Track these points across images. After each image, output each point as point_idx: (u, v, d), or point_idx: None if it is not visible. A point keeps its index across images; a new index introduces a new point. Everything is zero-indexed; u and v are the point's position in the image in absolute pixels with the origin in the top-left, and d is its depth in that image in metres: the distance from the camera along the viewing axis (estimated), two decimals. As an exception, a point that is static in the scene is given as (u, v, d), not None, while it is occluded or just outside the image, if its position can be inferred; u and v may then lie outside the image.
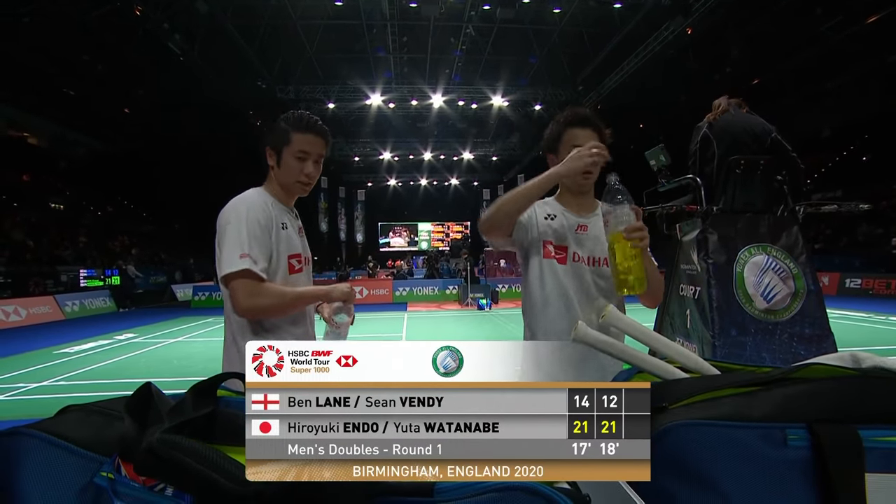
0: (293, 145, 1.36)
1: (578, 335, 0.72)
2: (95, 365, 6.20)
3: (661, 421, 0.54)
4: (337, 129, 19.53)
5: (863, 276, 12.95)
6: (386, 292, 14.41)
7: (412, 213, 30.12)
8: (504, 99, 16.82)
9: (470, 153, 22.90)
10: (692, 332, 2.40)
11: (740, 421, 0.50)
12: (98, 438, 0.44)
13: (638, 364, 0.69)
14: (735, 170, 2.36)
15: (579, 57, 14.73)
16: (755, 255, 2.20)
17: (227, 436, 0.47)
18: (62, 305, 11.70)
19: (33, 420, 0.47)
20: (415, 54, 14.80)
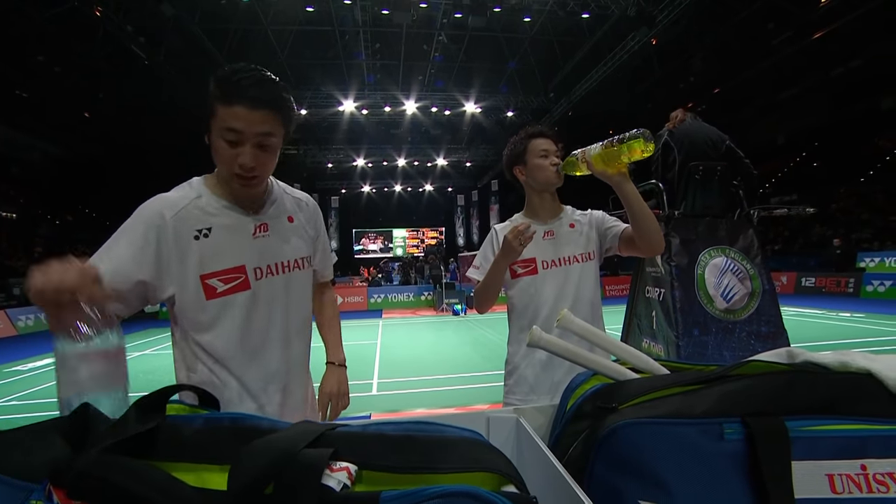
0: (218, 121, 1.00)
1: (533, 340, 0.73)
2: (51, 382, 5.87)
3: (610, 421, 0.55)
4: (310, 136, 19.30)
5: (816, 275, 13.65)
6: (361, 300, 14.26)
7: (387, 219, 29.96)
8: (477, 105, 16.99)
9: (444, 159, 23.00)
10: (658, 333, 2.47)
11: (682, 418, 0.52)
12: (26, 464, 0.42)
13: (591, 367, 0.71)
14: (694, 175, 2.46)
15: (550, 65, 15.06)
16: (715, 257, 2.30)
17: (169, 452, 0.45)
18: (14, 320, 11.07)
19: None
20: (388, 61, 14.81)
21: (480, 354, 6.87)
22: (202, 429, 0.49)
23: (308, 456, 0.41)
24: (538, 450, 0.58)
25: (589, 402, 0.64)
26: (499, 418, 0.72)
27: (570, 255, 1.50)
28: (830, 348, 0.63)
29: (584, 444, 0.58)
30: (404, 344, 8.02)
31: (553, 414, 0.77)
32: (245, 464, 0.40)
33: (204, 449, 0.47)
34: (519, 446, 0.69)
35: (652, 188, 2.73)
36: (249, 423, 0.49)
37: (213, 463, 0.46)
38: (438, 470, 0.43)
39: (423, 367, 6.06)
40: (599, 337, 0.75)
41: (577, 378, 0.76)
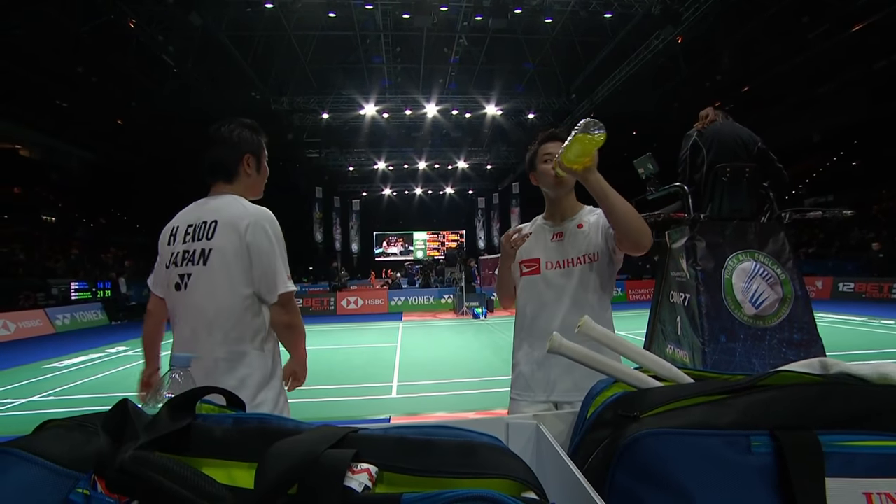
0: (265, 150, 1.47)
1: (553, 346, 0.73)
2: (86, 379, 6.13)
3: (632, 430, 0.55)
4: (331, 139, 19.59)
5: (856, 280, 13.06)
6: (381, 302, 14.38)
7: (407, 222, 30.15)
8: (498, 108, 16.96)
9: (464, 162, 23.02)
10: (683, 339, 2.42)
11: (707, 429, 0.51)
12: (75, 455, 0.45)
13: (611, 373, 0.71)
14: (722, 177, 2.40)
15: (572, 66, 14.92)
16: (743, 262, 2.23)
17: (200, 449, 0.48)
18: (53, 319, 11.59)
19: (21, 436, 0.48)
20: (408, 64, 14.94)
21: (501, 359, 6.84)
22: (231, 428, 0.51)
23: (331, 457, 0.42)
24: (558, 457, 0.58)
25: (610, 410, 0.64)
26: (518, 424, 0.72)
27: (573, 257, 1.50)
28: (870, 358, 0.61)
29: (604, 452, 0.58)
30: (424, 347, 8.05)
31: (573, 421, 0.76)
32: (271, 464, 0.42)
33: (233, 448, 0.49)
34: (538, 453, 0.70)
35: (677, 190, 2.67)
36: (276, 424, 0.51)
37: (241, 461, 0.48)
38: (458, 474, 0.44)
39: (442, 371, 6.06)
40: (621, 344, 0.75)
41: (597, 385, 0.76)
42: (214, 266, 1.28)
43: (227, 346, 1.28)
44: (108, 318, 13.46)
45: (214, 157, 1.41)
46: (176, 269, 1.35)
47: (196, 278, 1.31)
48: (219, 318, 1.28)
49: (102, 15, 10.42)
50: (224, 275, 1.28)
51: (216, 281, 1.28)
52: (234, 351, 1.28)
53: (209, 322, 1.28)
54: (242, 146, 1.41)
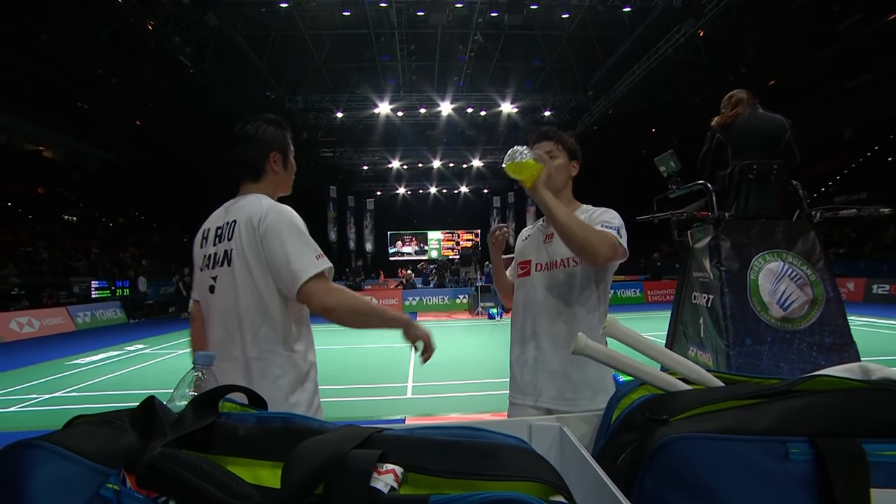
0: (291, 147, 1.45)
1: (578, 347, 0.72)
2: (106, 376, 6.30)
3: (661, 433, 0.54)
4: (345, 139, 19.76)
5: (891, 281, 12.62)
6: (396, 302, 14.44)
7: (422, 221, 30.23)
8: (513, 105, 16.89)
9: (479, 160, 22.98)
10: (706, 342, 2.37)
11: (741, 434, 0.50)
12: (105, 450, 0.46)
13: (639, 376, 0.69)
14: (748, 175, 2.34)
15: (589, 62, 14.76)
16: (770, 262, 2.18)
17: (225, 447, 0.49)
18: (74, 317, 11.93)
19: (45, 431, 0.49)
20: (423, 62, 14.96)
21: (517, 360, 6.81)
22: (256, 427, 0.52)
23: (357, 457, 0.42)
24: (583, 460, 0.58)
25: (637, 413, 0.63)
26: (541, 426, 0.72)
27: (558, 259, 1.49)
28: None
29: (632, 456, 0.57)
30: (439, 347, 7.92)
31: (597, 423, 0.75)
32: (297, 463, 0.42)
33: (257, 446, 0.50)
34: (562, 456, 0.69)
35: (700, 188, 2.62)
36: (300, 424, 0.52)
37: (265, 459, 0.49)
38: (485, 476, 0.44)
39: (458, 371, 6.06)
40: (647, 345, 0.74)
41: (622, 388, 0.75)
42: (236, 267, 1.28)
43: (257, 345, 1.27)
44: (127, 317, 13.80)
45: (240, 157, 1.40)
46: (208, 271, 1.36)
47: (222, 280, 1.31)
48: (246, 318, 1.27)
49: (122, 18, 10.69)
50: (246, 274, 1.27)
51: (239, 281, 1.28)
52: (266, 350, 1.28)
53: (239, 322, 1.28)
54: (268, 144, 1.40)
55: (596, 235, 1.32)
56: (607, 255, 1.32)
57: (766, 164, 2.27)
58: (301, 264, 1.23)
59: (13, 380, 6.16)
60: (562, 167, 1.52)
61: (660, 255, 16.89)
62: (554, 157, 1.50)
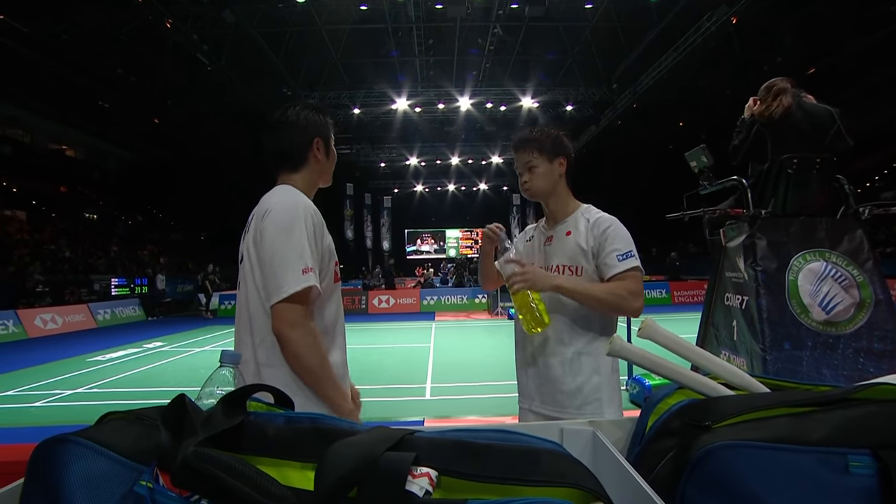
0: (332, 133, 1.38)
1: (614, 349, 0.71)
2: (126, 373, 6.49)
3: (704, 441, 0.53)
4: (362, 135, 19.90)
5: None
6: (413, 301, 14.49)
7: (440, 219, 30.28)
8: (534, 100, 16.74)
9: (499, 157, 22.88)
10: (740, 345, 2.31)
11: (795, 444, 0.48)
12: (137, 447, 0.47)
13: (678, 380, 0.68)
14: (787, 169, 2.27)
15: (613, 53, 14.52)
16: (811, 262, 2.10)
17: (254, 446, 0.49)
18: (95, 314, 12.33)
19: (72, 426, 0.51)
20: (441, 56, 14.96)
21: (537, 362, 6.76)
22: (284, 427, 0.52)
23: (391, 460, 0.42)
24: (619, 467, 0.56)
25: (677, 419, 0.61)
26: (573, 430, 0.71)
27: (556, 265, 1.47)
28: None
29: (673, 463, 0.56)
30: (458, 348, 8.06)
31: (631, 428, 0.74)
32: (330, 465, 0.42)
33: (286, 446, 0.50)
34: (595, 461, 0.68)
35: (734, 184, 2.55)
36: (329, 424, 0.52)
37: (295, 460, 0.49)
38: (523, 482, 0.43)
39: (477, 373, 6.05)
40: (687, 348, 0.72)
41: (658, 392, 0.73)
42: (246, 264, 1.22)
43: (265, 350, 1.18)
44: (145, 314, 14.19)
45: (280, 145, 1.30)
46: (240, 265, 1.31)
47: (241, 277, 1.27)
48: (256, 321, 1.19)
49: (141, 16, 10.98)
50: (251, 273, 1.20)
51: (248, 280, 1.21)
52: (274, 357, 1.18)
53: (249, 324, 1.21)
54: (311, 129, 1.31)
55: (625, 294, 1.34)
56: (641, 302, 1.36)
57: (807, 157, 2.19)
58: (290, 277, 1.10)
59: (38, 375, 6.40)
60: (544, 174, 1.48)
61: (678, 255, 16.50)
62: (532, 167, 1.48)
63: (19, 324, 10.35)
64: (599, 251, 1.40)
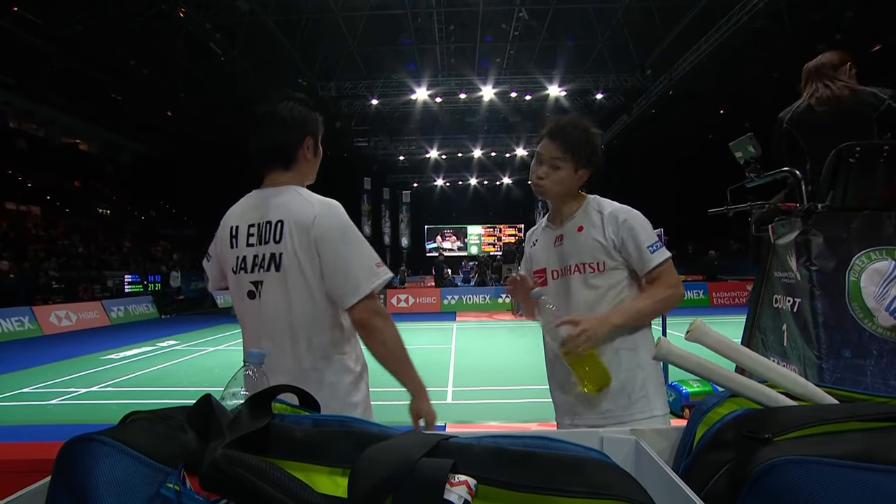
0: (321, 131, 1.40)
1: (661, 353, 0.69)
2: (139, 372, 6.70)
3: (764, 455, 0.51)
4: (381, 127, 20.01)
5: None
6: (434, 301, 14.54)
7: (461, 215, 30.27)
8: (561, 88, 16.55)
9: (524, 149, 22.71)
10: (791, 352, 2.23)
11: (871, 462, 0.45)
12: (163, 449, 0.48)
13: (732, 387, 0.66)
14: (848, 158, 2.17)
15: (648, 37, 14.20)
16: (876, 261, 2.01)
17: (281, 450, 0.49)
18: (108, 311, 12.77)
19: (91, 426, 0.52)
20: (463, 43, 14.91)
21: (565, 367, 6.71)
22: (312, 430, 0.53)
23: (428, 467, 0.42)
24: (667, 479, 0.55)
25: (731, 429, 0.59)
26: (614, 439, 0.70)
27: (571, 265, 1.43)
28: None
29: (729, 477, 0.54)
30: (480, 350, 8.05)
31: (677, 438, 0.73)
32: (365, 471, 0.42)
33: (314, 450, 0.50)
34: (638, 472, 0.66)
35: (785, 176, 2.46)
36: (359, 428, 0.52)
37: (322, 464, 0.49)
38: (565, 493, 0.42)
39: (501, 377, 6.04)
40: (741, 352, 0.70)
41: (708, 400, 0.71)
42: (288, 271, 1.24)
43: (311, 355, 1.26)
44: (158, 312, 14.61)
45: (271, 141, 1.32)
46: (246, 275, 1.30)
47: (269, 286, 1.27)
48: (300, 328, 1.25)
49: (154, 5, 11.28)
50: (299, 280, 1.24)
51: (292, 287, 1.25)
52: (321, 358, 1.27)
53: (291, 331, 1.26)
54: (303, 127, 1.33)
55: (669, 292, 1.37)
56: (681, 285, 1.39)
57: (872, 145, 2.10)
58: (363, 276, 1.23)
59: (54, 372, 6.66)
60: (563, 179, 1.42)
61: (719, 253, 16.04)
62: (556, 166, 1.41)
63: (35, 320, 10.79)
64: (625, 244, 1.38)
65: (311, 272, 1.24)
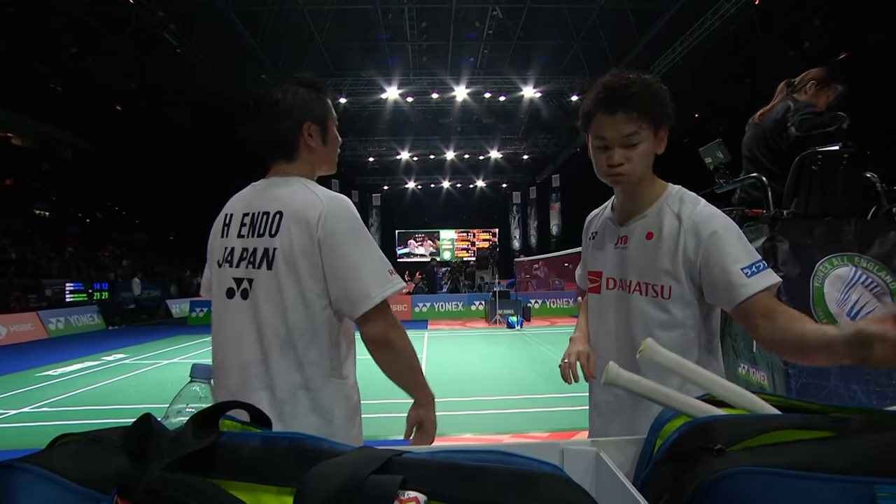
0: (333, 114, 1.31)
1: (609, 378, 0.72)
2: (81, 389, 6.42)
3: (717, 465, 0.53)
4: (349, 127, 19.87)
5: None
6: (405, 308, 14.49)
7: (433, 219, 30.30)
8: (536, 90, 16.83)
9: (497, 151, 22.97)
10: (759, 358, 2.34)
11: (817, 472, 0.48)
12: (95, 474, 0.46)
13: (682, 410, 0.69)
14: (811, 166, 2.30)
15: (623, 38, 14.62)
16: (838, 267, 2.13)
17: (227, 470, 0.49)
18: (46, 323, 12.19)
19: (18, 452, 0.50)
20: (435, 41, 14.99)
21: (538, 373, 6.78)
22: (260, 448, 0.53)
23: (376, 483, 0.43)
24: (625, 492, 0.57)
25: (686, 441, 0.62)
26: (575, 451, 0.72)
27: (632, 280, 1.18)
28: None
29: (681, 490, 0.57)
30: (452, 359, 8.06)
31: (638, 450, 0.75)
32: (311, 489, 0.43)
33: (262, 469, 0.50)
34: (598, 486, 0.69)
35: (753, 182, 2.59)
36: (310, 445, 0.52)
37: (271, 484, 0.50)
38: (518, 508, 0.44)
39: (473, 387, 6.06)
40: (692, 370, 0.73)
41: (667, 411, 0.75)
42: (281, 271, 1.15)
43: (304, 371, 1.16)
44: (105, 323, 14.07)
45: (264, 131, 1.25)
46: (231, 269, 1.20)
47: (259, 285, 1.17)
48: (291, 338, 1.15)
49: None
50: (293, 283, 1.15)
51: (286, 290, 1.15)
52: (314, 377, 1.17)
53: (281, 341, 1.16)
54: (298, 113, 1.24)
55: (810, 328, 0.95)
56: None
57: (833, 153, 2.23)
58: (374, 282, 1.15)
59: (-21, 392, 6.32)
60: (646, 152, 1.14)
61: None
62: (635, 144, 1.12)
63: (-41, 334, 10.23)
64: (707, 265, 1.07)
65: (308, 276, 1.15)
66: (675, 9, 12.59)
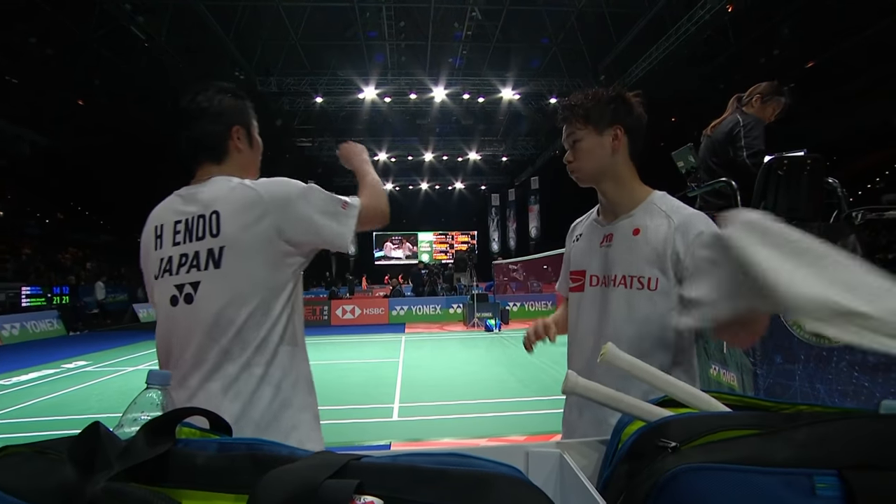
0: (255, 121, 1.39)
1: (568, 387, 0.73)
2: (37, 399, 6.20)
3: (671, 463, 0.55)
4: (326, 127, 19.71)
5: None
6: (381, 312, 14.42)
7: (411, 221, 30.26)
8: (515, 91, 16.98)
9: (476, 153, 23.08)
10: (729, 359, 2.40)
11: (760, 465, 0.51)
12: (38, 487, 0.45)
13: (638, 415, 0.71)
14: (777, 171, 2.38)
15: (601, 42, 14.88)
16: (802, 270, 2.22)
17: (181, 478, 0.49)
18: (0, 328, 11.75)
19: None
20: (413, 41, 14.99)
21: (516, 377, 6.83)
22: (216, 455, 0.52)
23: (331, 488, 0.43)
24: (585, 492, 0.59)
25: (645, 440, 0.64)
26: (540, 453, 0.73)
27: (616, 275, 1.23)
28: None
29: (638, 488, 0.59)
30: (430, 363, 8.06)
31: (603, 451, 0.77)
32: (263, 496, 0.43)
33: (218, 477, 0.50)
34: (562, 486, 0.70)
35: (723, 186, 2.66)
36: (267, 451, 0.52)
37: (227, 492, 0.49)
38: (473, 510, 0.45)
39: (450, 391, 6.07)
40: (649, 373, 0.75)
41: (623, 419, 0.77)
42: (231, 268, 1.16)
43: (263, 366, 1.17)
44: (66, 329, 13.62)
45: (195, 135, 1.29)
46: (171, 277, 1.20)
47: (206, 287, 1.17)
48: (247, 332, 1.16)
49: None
50: (243, 276, 1.16)
51: (237, 285, 1.16)
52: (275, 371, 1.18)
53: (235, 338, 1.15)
54: (228, 117, 1.31)
55: None
56: None
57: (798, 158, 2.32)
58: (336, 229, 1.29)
59: (-71, 402, 6.06)
60: (589, 149, 1.26)
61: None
62: (575, 142, 1.27)
63: None
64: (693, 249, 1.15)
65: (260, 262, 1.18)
66: (652, 14, 12.89)
